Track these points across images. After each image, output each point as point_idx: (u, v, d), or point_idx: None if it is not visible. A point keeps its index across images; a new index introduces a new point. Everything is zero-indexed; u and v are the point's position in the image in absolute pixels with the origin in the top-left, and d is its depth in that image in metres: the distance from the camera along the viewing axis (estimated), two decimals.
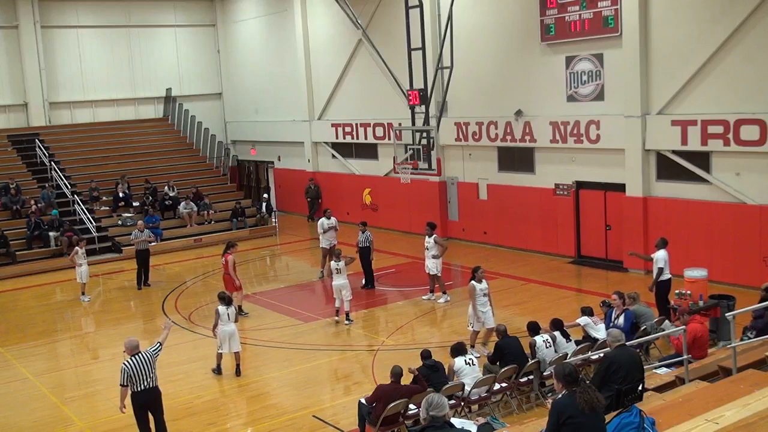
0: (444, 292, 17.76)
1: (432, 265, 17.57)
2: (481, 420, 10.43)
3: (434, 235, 17.67)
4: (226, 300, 13.78)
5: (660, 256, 14.54)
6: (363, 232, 19.03)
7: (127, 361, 10.23)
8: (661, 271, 14.44)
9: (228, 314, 13.62)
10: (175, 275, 22.07)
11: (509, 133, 21.59)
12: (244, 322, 17.02)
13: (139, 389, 10.27)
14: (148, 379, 10.26)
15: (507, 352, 11.63)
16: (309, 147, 29.65)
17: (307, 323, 16.79)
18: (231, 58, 33.82)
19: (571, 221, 20.60)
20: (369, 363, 14.01)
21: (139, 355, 10.27)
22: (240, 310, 17.35)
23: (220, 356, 13.84)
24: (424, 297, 17.95)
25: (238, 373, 13.74)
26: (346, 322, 16.53)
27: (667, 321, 13.28)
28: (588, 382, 7.59)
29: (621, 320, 12.44)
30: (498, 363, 11.69)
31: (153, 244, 21.92)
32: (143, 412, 10.42)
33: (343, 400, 12.33)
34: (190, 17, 33.42)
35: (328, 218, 20.50)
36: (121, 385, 10.29)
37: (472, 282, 13.94)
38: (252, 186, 33.86)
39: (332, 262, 16.72)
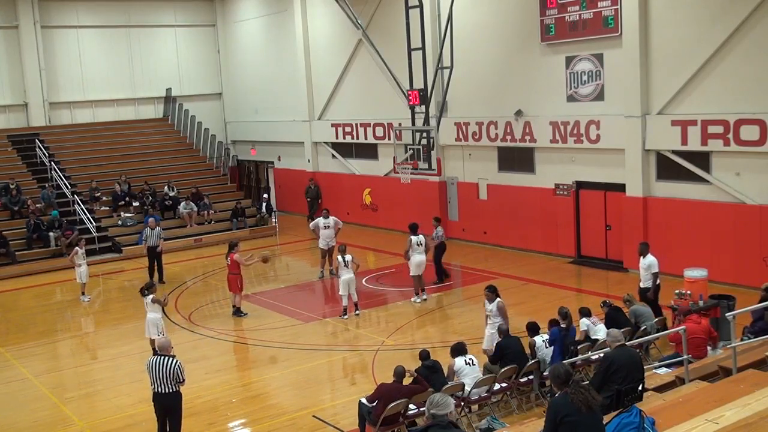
0: (416, 293, 17.83)
1: (410, 265, 17.72)
2: (483, 424, 10.48)
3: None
4: (150, 289, 14.43)
5: (653, 261, 14.53)
6: (436, 228, 19.09)
7: (150, 358, 10.39)
8: (656, 276, 14.43)
9: (147, 302, 14.26)
10: (175, 275, 22.06)
11: (509, 133, 21.59)
12: (244, 322, 17.06)
13: (155, 390, 10.30)
14: (161, 385, 10.19)
15: (508, 352, 11.63)
16: (309, 147, 29.65)
17: (307, 323, 16.79)
18: (231, 58, 33.82)
19: (571, 221, 20.59)
20: (369, 363, 14.01)
21: (163, 358, 10.21)
22: (239, 311, 17.41)
23: (151, 342, 14.04)
24: (423, 297, 17.94)
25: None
26: (357, 312, 16.85)
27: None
28: (587, 382, 7.60)
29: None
30: (499, 363, 11.69)
31: (163, 239, 21.98)
32: (160, 414, 10.44)
33: (343, 400, 12.32)
34: (190, 17, 33.41)
35: (326, 218, 20.50)
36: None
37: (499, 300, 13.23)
38: (252, 186, 33.86)
39: (338, 257, 16.81)
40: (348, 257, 16.77)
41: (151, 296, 14.30)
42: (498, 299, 12.99)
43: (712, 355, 11.51)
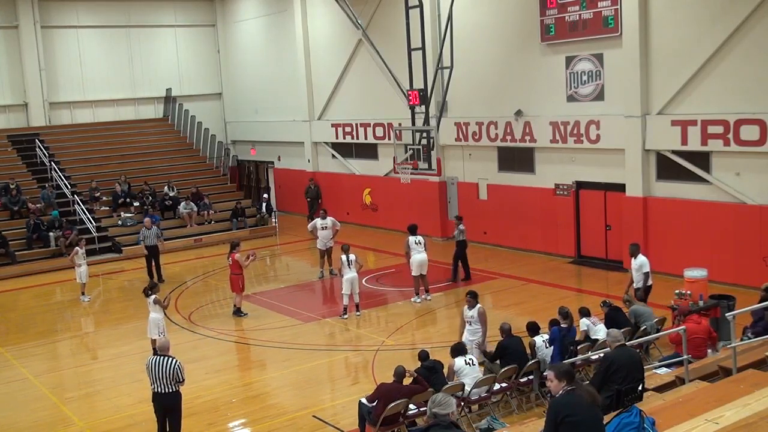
0: (417, 293, 17.82)
1: (411, 265, 17.71)
2: (483, 424, 10.47)
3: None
4: (153, 289, 14.55)
5: (644, 261, 14.51)
6: (458, 226, 19.05)
7: (149, 358, 10.40)
8: (647, 276, 14.40)
9: (149, 302, 14.40)
10: (175, 275, 22.06)
11: (509, 133, 21.59)
12: (244, 322, 17.06)
13: (154, 390, 10.33)
14: (161, 385, 10.21)
15: (509, 351, 11.62)
16: (309, 147, 29.65)
17: (307, 323, 16.79)
18: (231, 58, 33.82)
19: (571, 221, 20.59)
20: (369, 363, 14.01)
21: (163, 358, 10.23)
22: (239, 311, 17.41)
23: (153, 342, 14.19)
24: (427, 298, 17.91)
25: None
26: (357, 313, 16.83)
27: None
28: (587, 382, 7.59)
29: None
30: (499, 362, 11.67)
31: (163, 239, 22.11)
32: (159, 414, 10.47)
33: (343, 400, 12.32)
34: (190, 17, 33.41)
35: (323, 218, 20.50)
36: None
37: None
38: (252, 186, 33.86)
39: (342, 256, 16.83)
40: (351, 257, 16.79)
41: (153, 296, 14.34)
42: (479, 305, 12.76)
43: (711, 355, 11.51)
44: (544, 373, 11.63)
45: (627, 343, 9.13)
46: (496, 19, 21.70)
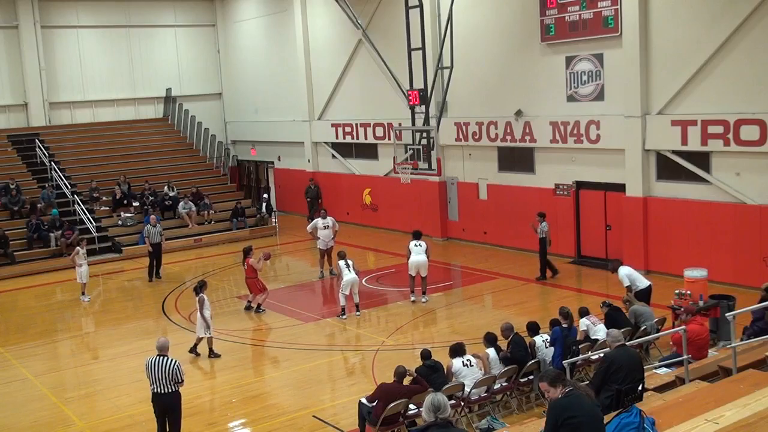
0: (412, 291, 17.83)
1: (408, 265, 17.74)
2: (483, 424, 10.46)
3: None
4: (202, 288, 14.74)
5: (623, 273, 14.45)
6: (540, 224, 18.96)
7: (149, 358, 10.39)
8: (629, 288, 14.33)
9: (197, 301, 14.63)
10: (175, 275, 22.07)
11: (509, 133, 21.59)
12: (243, 323, 17.07)
13: (154, 390, 10.34)
14: (161, 385, 10.23)
15: (518, 347, 11.64)
16: (309, 147, 29.65)
17: (307, 323, 16.80)
18: (231, 58, 33.82)
19: (571, 221, 20.59)
20: (369, 363, 14.01)
21: (162, 359, 10.25)
22: (258, 307, 17.73)
23: (200, 340, 14.63)
24: (422, 299, 17.88)
25: (210, 354, 14.75)
26: (357, 313, 16.88)
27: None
28: (586, 382, 7.60)
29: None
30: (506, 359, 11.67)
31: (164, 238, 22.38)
32: (159, 414, 10.48)
33: (343, 400, 12.32)
34: (190, 17, 33.41)
35: (324, 218, 20.52)
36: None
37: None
38: (252, 186, 33.87)
39: (340, 262, 16.87)
40: (350, 261, 16.84)
41: (199, 295, 14.53)
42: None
43: (711, 355, 11.52)
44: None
45: (627, 343, 9.14)
46: (496, 19, 21.69)
